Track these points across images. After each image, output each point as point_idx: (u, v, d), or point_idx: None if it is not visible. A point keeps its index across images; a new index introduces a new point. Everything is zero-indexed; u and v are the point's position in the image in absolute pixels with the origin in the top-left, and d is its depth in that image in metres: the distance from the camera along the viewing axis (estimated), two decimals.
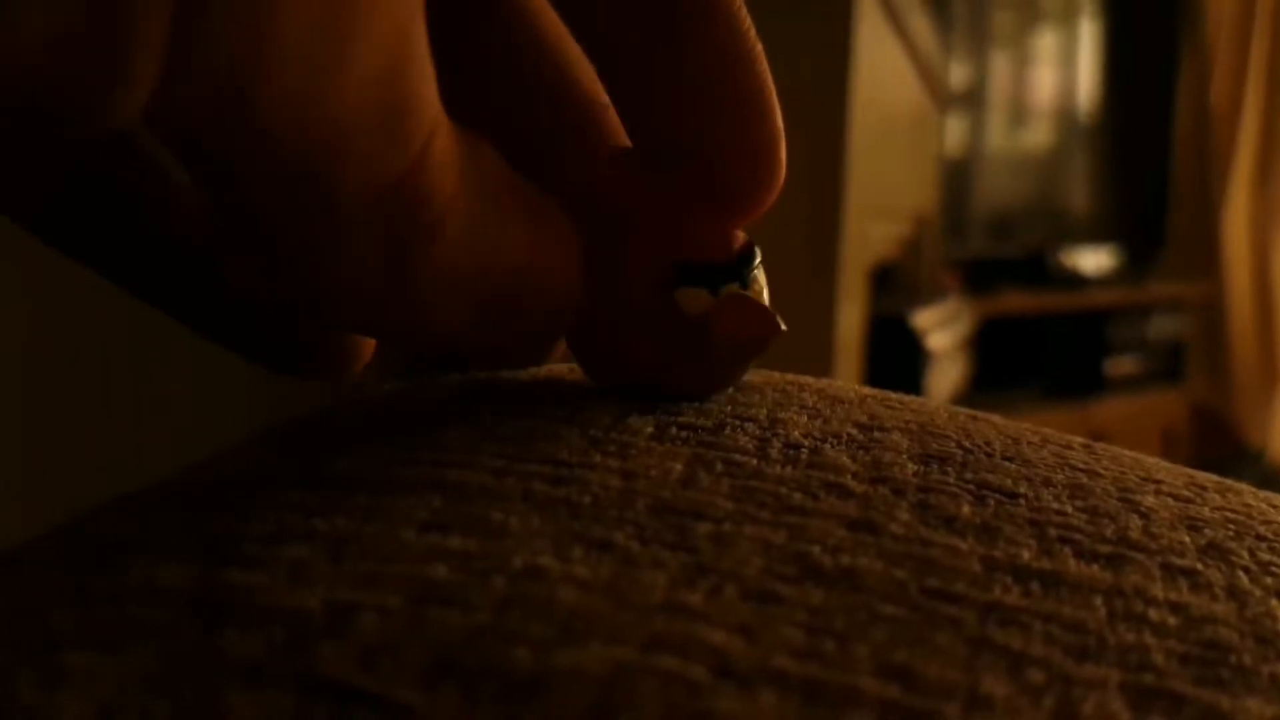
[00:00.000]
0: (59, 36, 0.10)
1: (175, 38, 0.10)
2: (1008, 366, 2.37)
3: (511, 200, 0.15)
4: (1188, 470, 0.17)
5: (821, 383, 0.19)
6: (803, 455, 0.15)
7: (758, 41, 0.16)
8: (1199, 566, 0.14)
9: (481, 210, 0.14)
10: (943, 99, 2.05)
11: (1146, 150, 2.82)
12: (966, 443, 0.16)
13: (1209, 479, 0.17)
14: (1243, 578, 0.14)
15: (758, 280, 0.17)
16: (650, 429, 0.16)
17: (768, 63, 0.16)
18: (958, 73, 2.33)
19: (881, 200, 1.27)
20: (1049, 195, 2.67)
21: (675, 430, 0.16)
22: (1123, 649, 0.12)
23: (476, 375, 0.19)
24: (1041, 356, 2.50)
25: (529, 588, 0.12)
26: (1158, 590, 0.13)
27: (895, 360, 1.45)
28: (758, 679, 0.11)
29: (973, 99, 2.44)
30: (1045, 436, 0.18)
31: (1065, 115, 2.70)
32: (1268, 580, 0.14)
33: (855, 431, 0.16)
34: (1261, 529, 0.15)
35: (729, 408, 0.17)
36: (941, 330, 1.66)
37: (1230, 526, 0.15)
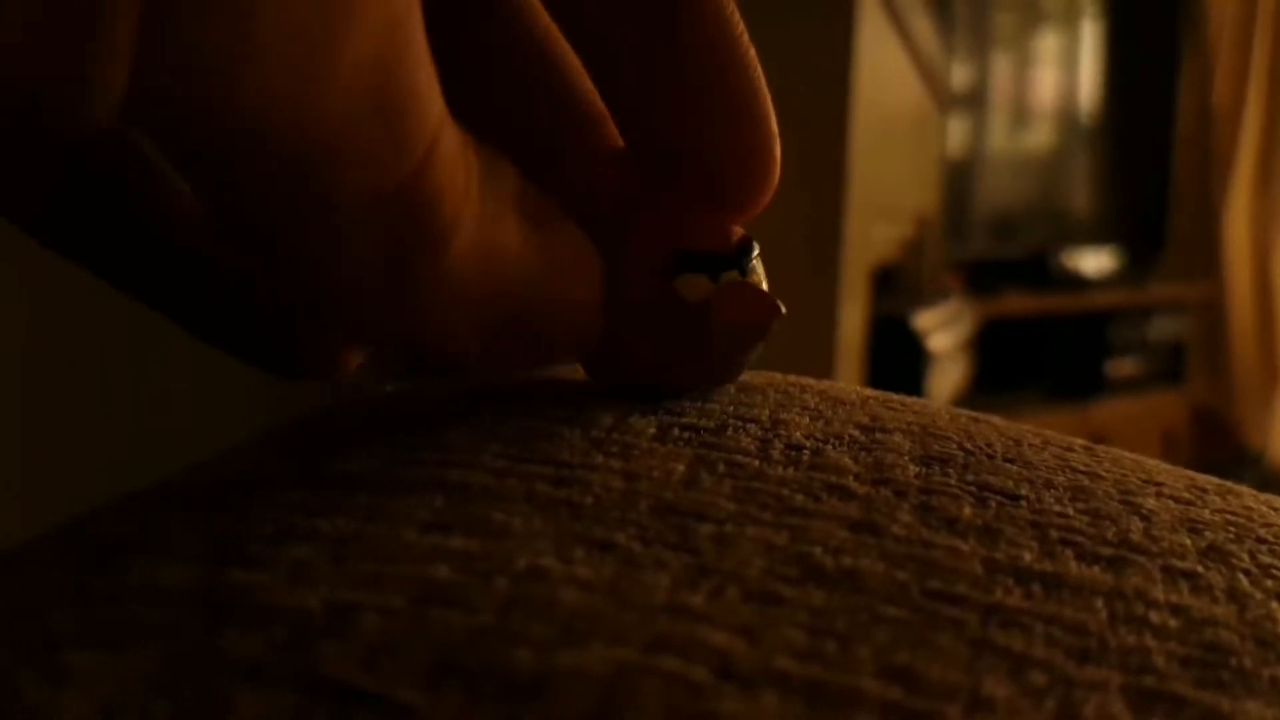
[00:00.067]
0: (18, 39, 0.10)
1: (144, 37, 0.10)
2: (1009, 367, 2.37)
3: (531, 222, 0.14)
4: (1188, 473, 0.17)
5: (823, 384, 0.19)
6: (805, 457, 0.15)
7: (750, 45, 0.15)
8: (1200, 569, 0.14)
9: (495, 228, 0.14)
10: (944, 100, 2.05)
11: (1148, 151, 2.82)
12: (968, 444, 0.16)
13: (1210, 481, 0.17)
14: (1243, 580, 0.14)
15: (756, 271, 0.17)
16: (653, 430, 0.16)
17: (769, 63, 0.16)
18: (959, 73, 2.33)
19: (883, 201, 1.27)
20: (1050, 196, 2.67)
21: (678, 431, 0.16)
22: (1124, 651, 0.12)
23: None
24: (1042, 358, 2.50)
25: (531, 588, 0.12)
26: (1159, 593, 0.13)
27: (896, 361, 1.45)
28: (760, 680, 0.11)
29: (974, 100, 2.44)
30: (1046, 438, 0.18)
31: (1067, 116, 2.70)
32: (1268, 583, 0.14)
33: (857, 433, 0.16)
34: (1262, 532, 0.15)
35: (731, 409, 0.17)
36: (943, 331, 1.66)
37: (1231, 529, 0.15)
